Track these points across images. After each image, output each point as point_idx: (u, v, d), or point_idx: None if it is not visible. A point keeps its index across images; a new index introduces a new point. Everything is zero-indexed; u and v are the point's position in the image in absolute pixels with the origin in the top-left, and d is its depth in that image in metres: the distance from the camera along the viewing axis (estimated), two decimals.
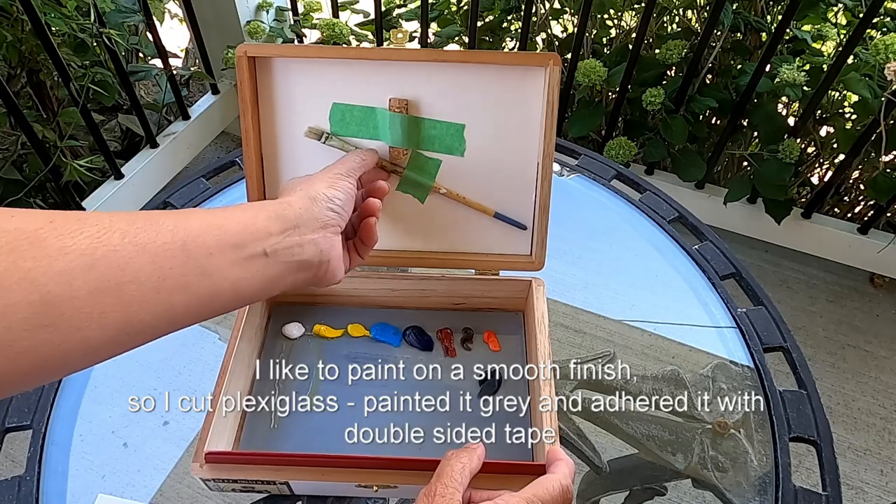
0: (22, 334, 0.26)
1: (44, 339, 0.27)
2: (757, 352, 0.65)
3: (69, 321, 0.27)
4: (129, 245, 0.30)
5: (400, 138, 0.53)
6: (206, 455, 0.45)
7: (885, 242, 1.36)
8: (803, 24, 1.32)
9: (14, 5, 1.13)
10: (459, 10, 1.59)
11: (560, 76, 0.51)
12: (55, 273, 0.27)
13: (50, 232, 0.28)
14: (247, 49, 0.51)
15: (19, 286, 0.26)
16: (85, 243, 0.28)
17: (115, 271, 0.29)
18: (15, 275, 0.26)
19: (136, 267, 0.30)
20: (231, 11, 1.46)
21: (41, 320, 0.27)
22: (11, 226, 0.27)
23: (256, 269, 0.37)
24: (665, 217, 0.80)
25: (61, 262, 0.27)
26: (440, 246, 0.59)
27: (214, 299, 0.35)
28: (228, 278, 0.35)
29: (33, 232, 0.27)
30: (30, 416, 0.59)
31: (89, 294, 0.28)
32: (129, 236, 0.30)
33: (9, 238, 0.26)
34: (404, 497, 0.51)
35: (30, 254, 0.27)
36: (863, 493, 1.16)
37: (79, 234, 0.28)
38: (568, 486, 0.40)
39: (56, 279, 0.27)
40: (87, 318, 0.28)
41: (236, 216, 0.37)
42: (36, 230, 0.27)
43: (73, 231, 0.28)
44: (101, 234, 0.29)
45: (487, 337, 0.61)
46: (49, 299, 0.27)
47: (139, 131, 1.46)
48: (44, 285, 0.27)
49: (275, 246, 0.38)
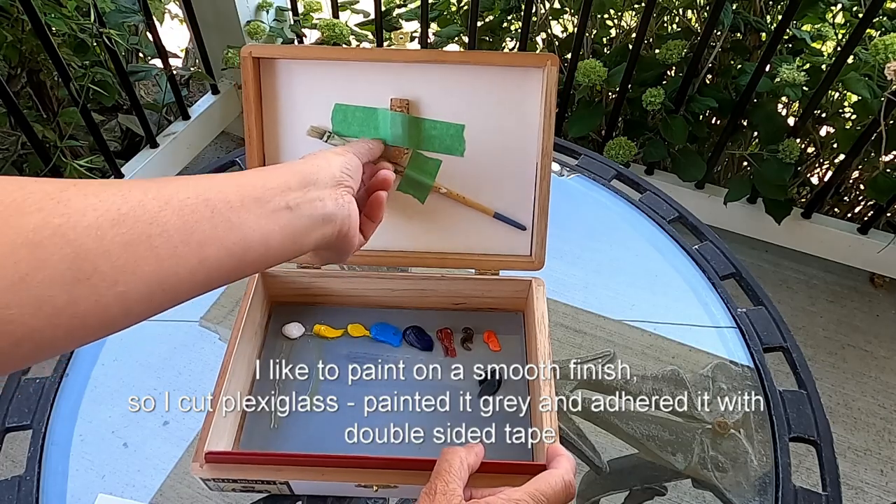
0: (59, 290, 0.26)
1: (81, 295, 0.27)
2: (757, 352, 0.65)
3: (104, 275, 0.28)
4: (152, 201, 0.30)
5: (401, 138, 0.54)
6: (205, 455, 0.45)
7: (885, 242, 1.36)
8: (803, 24, 1.32)
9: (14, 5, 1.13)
10: (459, 10, 1.59)
11: (558, 76, 0.51)
12: (84, 227, 0.27)
13: (74, 192, 0.28)
14: (252, 50, 0.51)
15: (51, 241, 0.26)
16: (110, 200, 0.29)
17: (143, 225, 0.29)
18: (46, 230, 0.26)
19: (163, 220, 0.30)
20: (231, 11, 1.46)
21: (76, 275, 0.27)
22: (37, 187, 0.27)
23: (282, 223, 0.37)
24: (665, 217, 0.80)
25: (90, 217, 0.28)
26: (440, 246, 0.59)
27: (247, 252, 0.35)
28: (257, 230, 0.35)
29: (58, 193, 0.27)
30: (30, 416, 0.59)
31: (121, 247, 0.28)
32: (152, 192, 0.31)
33: (35, 198, 0.27)
34: (404, 497, 0.51)
35: (58, 210, 0.27)
36: (863, 493, 1.16)
37: (103, 192, 0.29)
38: (570, 482, 0.40)
39: (86, 233, 0.27)
40: (121, 271, 0.28)
41: (253, 175, 0.38)
42: (60, 191, 0.28)
43: (97, 190, 0.29)
44: (123, 190, 0.30)
45: (487, 337, 0.61)
46: (82, 254, 0.27)
47: (139, 131, 1.46)
48: (75, 240, 0.27)
49: (297, 200, 0.38)
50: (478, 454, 0.42)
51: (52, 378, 0.62)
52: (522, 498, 0.38)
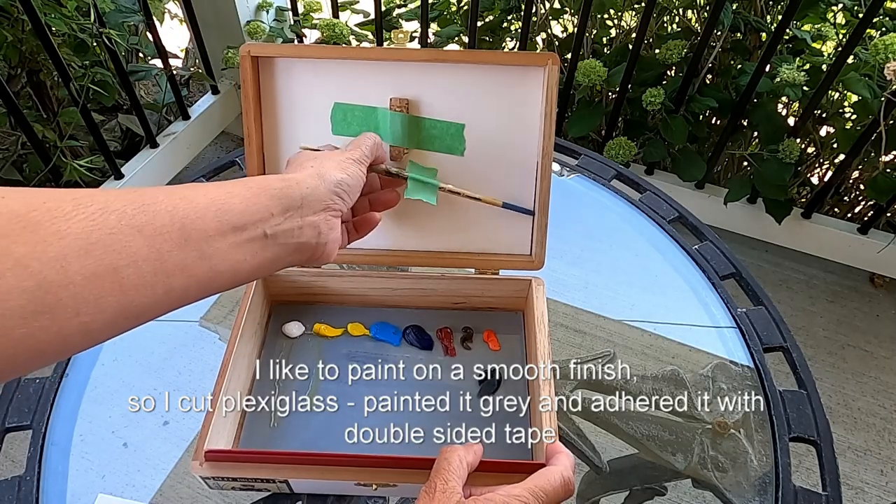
0: (18, 321, 0.25)
1: (41, 326, 0.26)
2: (757, 352, 0.65)
3: (66, 307, 0.27)
4: (125, 228, 0.29)
5: (401, 137, 0.54)
6: (205, 453, 0.45)
7: (885, 242, 1.36)
8: (803, 24, 1.32)
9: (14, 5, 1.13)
10: (459, 10, 1.59)
11: (559, 76, 0.51)
12: (49, 258, 0.26)
13: (44, 214, 0.27)
14: (250, 49, 0.51)
15: (13, 273, 0.25)
16: (80, 227, 0.28)
17: (112, 255, 0.28)
18: (8, 260, 0.25)
19: (133, 250, 0.29)
20: (231, 11, 1.46)
21: (37, 307, 0.26)
22: (4, 208, 0.26)
23: (255, 251, 0.37)
24: (665, 217, 0.80)
25: (56, 247, 0.26)
26: (440, 245, 0.59)
27: (213, 280, 0.34)
28: (227, 260, 0.35)
29: (26, 215, 0.26)
30: (30, 416, 0.59)
31: (86, 279, 0.27)
32: (126, 218, 0.30)
33: (1, 222, 0.26)
34: (404, 496, 0.51)
35: (22, 238, 0.26)
36: (863, 493, 1.16)
37: (74, 216, 0.28)
38: (570, 478, 0.40)
39: (51, 265, 0.26)
40: (84, 303, 0.27)
41: (239, 194, 0.37)
42: (28, 213, 0.26)
43: (68, 213, 0.28)
44: (96, 215, 0.28)
45: (487, 336, 0.61)
46: (44, 285, 0.26)
47: (139, 131, 1.46)
48: (38, 271, 0.26)
49: (275, 228, 0.38)
50: (476, 453, 0.42)
51: (52, 378, 0.62)
52: (522, 494, 0.38)
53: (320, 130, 0.55)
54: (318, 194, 0.41)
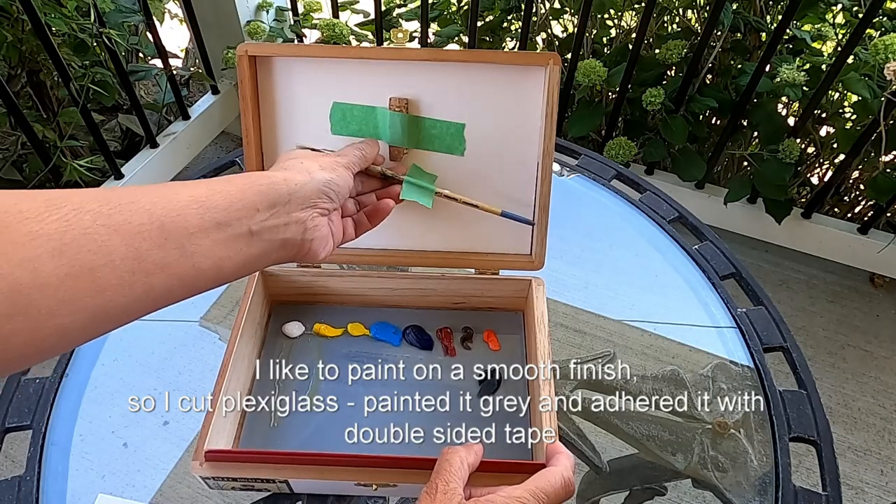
0: None
1: (15, 329, 0.26)
2: (757, 352, 0.65)
3: (40, 308, 0.26)
4: (101, 227, 0.29)
5: (400, 137, 0.53)
6: (205, 453, 0.45)
7: (885, 242, 1.36)
8: (803, 24, 1.32)
9: (14, 5, 1.13)
10: (459, 10, 1.59)
11: (560, 75, 0.51)
12: (21, 260, 0.26)
13: (14, 216, 0.26)
14: (248, 48, 0.51)
15: None
16: (52, 227, 0.27)
17: (87, 255, 0.28)
18: None
19: (109, 250, 0.29)
20: (231, 11, 1.46)
21: (9, 309, 0.26)
22: None
23: (240, 247, 0.36)
24: (665, 217, 0.80)
25: (28, 249, 0.26)
26: (440, 245, 0.59)
27: (196, 278, 0.34)
28: (210, 258, 0.34)
29: None
30: (30, 416, 0.59)
31: (60, 280, 0.27)
32: (102, 218, 0.29)
33: None
34: (404, 496, 0.51)
35: None
36: (863, 493, 1.16)
37: (46, 217, 0.27)
38: (570, 479, 0.40)
39: (23, 266, 0.26)
40: (59, 304, 0.27)
41: (223, 190, 0.36)
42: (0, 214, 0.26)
43: (40, 214, 0.27)
44: (70, 216, 0.28)
45: (487, 336, 0.61)
46: (16, 287, 0.26)
47: (139, 131, 1.46)
48: (9, 273, 0.25)
49: (261, 224, 0.37)
50: (477, 453, 0.42)
51: (52, 378, 0.62)
52: (522, 496, 0.38)
53: (319, 130, 0.55)
54: (307, 191, 0.41)
